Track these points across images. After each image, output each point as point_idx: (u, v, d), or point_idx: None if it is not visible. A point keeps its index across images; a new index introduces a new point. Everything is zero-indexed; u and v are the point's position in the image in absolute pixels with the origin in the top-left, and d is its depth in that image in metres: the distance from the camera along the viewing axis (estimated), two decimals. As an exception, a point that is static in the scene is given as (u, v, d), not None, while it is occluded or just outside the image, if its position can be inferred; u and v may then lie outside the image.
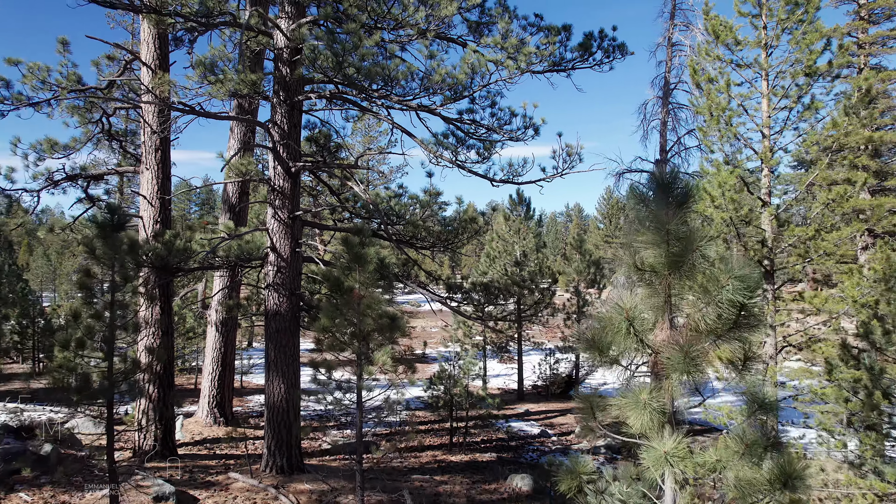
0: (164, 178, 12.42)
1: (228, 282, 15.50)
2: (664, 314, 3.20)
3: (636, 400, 2.82)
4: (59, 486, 9.65)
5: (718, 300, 2.94)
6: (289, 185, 11.54)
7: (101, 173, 12.54)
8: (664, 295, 3.16)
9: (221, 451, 13.40)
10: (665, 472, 3.10)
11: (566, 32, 13.24)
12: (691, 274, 3.06)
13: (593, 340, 3.12)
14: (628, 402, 2.85)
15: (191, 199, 53.25)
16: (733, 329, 3.10)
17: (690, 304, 3.10)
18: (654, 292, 3.19)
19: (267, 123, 11.61)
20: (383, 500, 10.65)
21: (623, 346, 2.95)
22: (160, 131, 11.98)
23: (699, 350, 2.80)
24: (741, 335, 3.15)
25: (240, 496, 10.22)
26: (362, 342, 6.65)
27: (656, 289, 3.18)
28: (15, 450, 10.24)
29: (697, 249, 2.95)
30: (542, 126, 13.42)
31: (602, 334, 3.03)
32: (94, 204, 12.95)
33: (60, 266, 36.85)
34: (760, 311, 3.19)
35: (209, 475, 11.29)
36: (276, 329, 11.43)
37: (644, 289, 3.19)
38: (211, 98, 11.59)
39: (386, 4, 10.55)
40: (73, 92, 11.85)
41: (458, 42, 13.32)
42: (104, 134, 12.41)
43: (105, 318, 7.07)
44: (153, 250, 10.18)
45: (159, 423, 12.05)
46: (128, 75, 12.76)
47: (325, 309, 6.97)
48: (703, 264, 3.01)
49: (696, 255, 2.93)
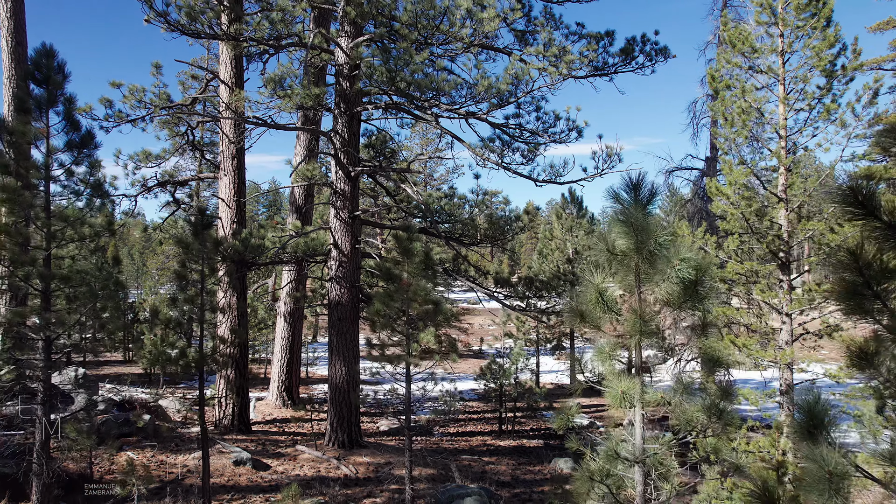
0: (239, 182, 13.92)
1: (296, 276, 16.95)
2: (634, 290, 4.04)
3: (601, 352, 3.66)
4: (158, 448, 11.23)
5: (671, 277, 3.77)
6: (349, 188, 12.76)
7: (187, 179, 14.17)
8: (634, 274, 4.00)
9: (289, 429, 14.79)
10: (635, 412, 3.94)
11: (608, 38, 13.87)
12: (652, 258, 3.89)
13: (575, 309, 3.99)
14: (597, 356, 3.70)
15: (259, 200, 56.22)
16: (687, 301, 3.91)
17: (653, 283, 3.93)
18: (627, 272, 4.03)
19: (329, 132, 12.87)
20: (433, 472, 11.67)
21: (596, 313, 3.79)
22: (236, 141, 13.47)
23: (651, 314, 3.62)
24: (695, 305, 3.95)
25: (306, 465, 11.51)
26: (409, 323, 7.68)
27: (629, 269, 4.02)
28: (120, 419, 11.90)
29: (654, 238, 3.78)
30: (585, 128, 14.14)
31: (582, 304, 3.88)
32: (180, 206, 14.61)
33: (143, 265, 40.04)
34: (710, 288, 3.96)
35: (279, 448, 12.67)
36: (338, 318, 12.67)
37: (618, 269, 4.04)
38: (280, 111, 12.94)
39: (435, 22, 11.54)
40: (163, 109, 13.51)
41: (504, 51, 14.15)
42: (188, 144, 14.03)
43: (196, 303, 8.41)
44: (232, 247, 11.60)
45: (236, 402, 13.55)
46: (209, 92, 14.34)
47: (378, 295, 8.03)
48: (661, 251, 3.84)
49: (653, 243, 3.77)
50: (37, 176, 7.20)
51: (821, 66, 7.19)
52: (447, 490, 9.83)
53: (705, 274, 3.82)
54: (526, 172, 13.63)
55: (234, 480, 10.21)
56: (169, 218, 14.75)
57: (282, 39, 12.36)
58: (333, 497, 9.54)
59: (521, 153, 14.00)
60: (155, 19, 10.22)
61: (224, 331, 12.47)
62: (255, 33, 11.90)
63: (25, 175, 7.23)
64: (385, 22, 12.09)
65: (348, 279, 12.55)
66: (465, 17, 11.11)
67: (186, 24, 10.45)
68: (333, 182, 12.78)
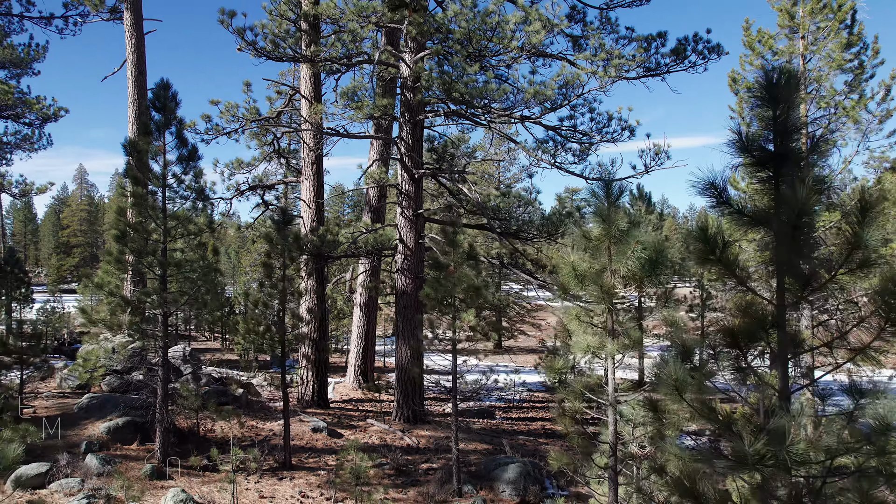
0: (318, 186, 15.63)
1: (370, 269, 18.57)
2: (607, 268, 5.01)
3: (570, 314, 4.65)
4: (250, 417, 13.07)
5: (631, 257, 4.72)
6: (413, 189, 14.10)
7: (273, 183, 16.08)
8: (606, 255, 4.97)
9: (363, 407, 16.38)
10: (608, 364, 4.92)
11: (661, 39, 14.41)
12: (619, 243, 4.85)
13: (560, 284, 5.00)
14: (569, 317, 4.69)
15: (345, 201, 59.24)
16: (651, 276, 4.84)
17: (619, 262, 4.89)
18: (600, 254, 5.01)
19: (395, 139, 14.28)
20: (489, 447, 12.77)
21: (572, 287, 4.78)
22: (315, 149, 15.17)
23: (611, 287, 4.58)
24: (657, 280, 4.88)
25: (374, 435, 12.97)
26: (454, 304, 8.86)
27: (601, 251, 5.00)
28: (219, 391, 13.86)
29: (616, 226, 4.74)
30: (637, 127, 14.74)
31: (562, 279, 4.89)
32: (268, 207, 16.55)
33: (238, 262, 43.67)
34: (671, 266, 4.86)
35: (352, 421, 14.23)
36: (404, 305, 14.05)
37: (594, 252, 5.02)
38: (352, 121, 14.49)
39: (487, 35, 12.62)
40: (253, 122, 15.46)
41: (558, 57, 14.96)
42: (275, 153, 15.93)
43: (278, 287, 10.00)
44: (310, 242, 13.26)
45: (315, 381, 15.27)
46: (292, 106, 16.17)
47: (429, 281, 9.27)
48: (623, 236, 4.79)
49: (615, 230, 4.73)
50: (155, 184, 9.01)
51: (833, 67, 7.62)
52: (495, 459, 10.93)
53: (661, 254, 4.74)
54: (578, 171, 14.44)
55: (311, 444, 11.80)
56: (259, 218, 16.74)
57: (352, 57, 13.90)
58: (394, 460, 10.87)
59: (574, 153, 14.80)
60: (245, 48, 11.99)
61: (303, 310, 14.20)
62: (330, 53, 13.50)
63: (147, 183, 9.06)
64: (442, 37, 13.29)
65: (412, 271, 13.88)
66: (513, 30, 12.10)
67: (271, 49, 12.16)
68: (399, 184, 14.17)
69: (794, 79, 3.23)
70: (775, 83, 3.28)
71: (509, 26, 12.13)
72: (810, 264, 3.21)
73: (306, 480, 9.63)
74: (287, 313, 10.05)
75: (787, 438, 2.51)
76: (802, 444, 2.57)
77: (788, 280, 3.17)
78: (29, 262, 59.60)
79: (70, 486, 7.69)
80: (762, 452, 2.50)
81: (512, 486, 9.68)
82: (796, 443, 2.55)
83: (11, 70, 21.18)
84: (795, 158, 3.26)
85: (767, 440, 2.53)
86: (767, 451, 2.50)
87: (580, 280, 4.78)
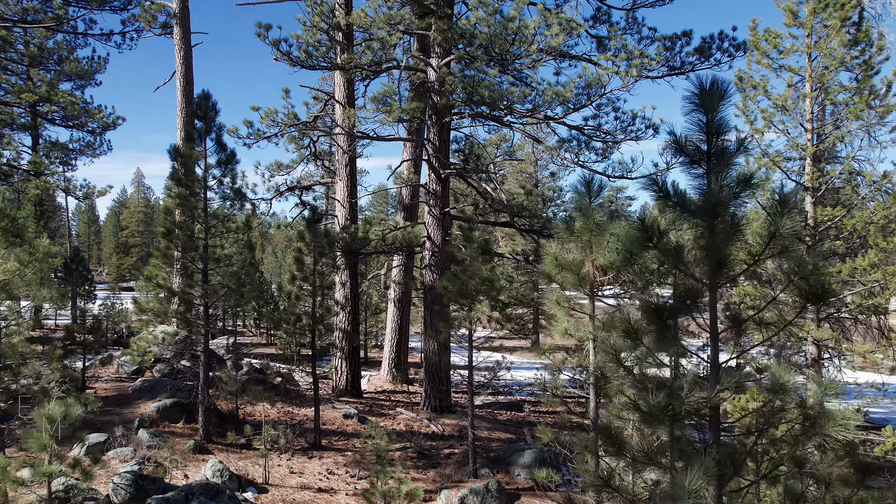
0: (352, 186, 16.43)
1: (403, 266, 19.28)
2: (588, 259, 5.48)
3: (551, 299, 5.14)
4: (286, 403, 13.95)
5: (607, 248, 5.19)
6: (439, 188, 14.71)
7: (310, 184, 16.99)
8: (587, 247, 5.45)
9: (395, 398, 17.09)
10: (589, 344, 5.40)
11: (686, 38, 14.60)
12: (597, 235, 5.32)
13: (544, 272, 5.50)
14: (550, 302, 5.19)
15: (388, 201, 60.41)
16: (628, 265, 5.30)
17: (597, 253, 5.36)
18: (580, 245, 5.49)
19: (423, 140, 14.92)
20: (512, 436, 13.26)
21: (554, 275, 5.27)
22: (348, 151, 15.97)
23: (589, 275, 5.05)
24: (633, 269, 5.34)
25: (402, 422, 13.65)
26: (469, 296, 9.42)
27: (582, 242, 5.48)
28: (259, 379, 14.81)
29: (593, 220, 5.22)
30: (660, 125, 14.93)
31: (545, 267, 5.39)
32: (306, 207, 17.45)
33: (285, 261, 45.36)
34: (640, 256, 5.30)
35: (382, 409, 14.95)
36: (431, 300, 14.68)
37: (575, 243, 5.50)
38: (382, 124, 15.21)
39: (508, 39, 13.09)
40: (291, 126, 16.37)
41: (580, 58, 15.32)
42: (311, 155, 16.83)
43: (310, 280, 10.78)
44: (342, 239, 14.05)
45: (348, 372, 16.07)
46: (327, 110, 17.05)
47: (447, 275, 9.87)
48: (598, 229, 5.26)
49: (592, 223, 5.21)
50: (198, 186, 9.91)
51: (835, 63, 7.77)
52: (514, 446, 11.43)
53: (633, 245, 5.21)
54: (601, 169, 14.75)
55: (341, 428, 12.57)
56: (297, 217, 17.69)
57: (382, 64, 14.63)
58: (418, 444, 11.50)
59: (597, 151, 15.11)
60: (281, 58, 12.85)
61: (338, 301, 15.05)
62: (360, 60, 14.26)
63: (191, 185, 9.98)
64: (467, 42, 13.85)
65: (439, 266, 14.49)
66: (533, 34, 12.55)
67: (304, 59, 12.99)
68: (427, 183, 14.80)
69: (721, 88, 3.68)
70: (706, 91, 3.73)
71: (529, 30, 12.58)
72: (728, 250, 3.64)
73: (334, 460, 10.37)
74: (317, 305, 10.82)
75: (683, 393, 2.96)
76: (695, 397, 3.02)
77: (711, 263, 3.62)
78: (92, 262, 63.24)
79: (124, 454, 8.67)
80: (662, 405, 2.96)
81: (527, 470, 10.16)
82: (690, 396, 3.00)
83: (77, 81, 22.94)
84: (724, 157, 3.70)
85: (667, 395, 3.00)
86: (668, 403, 2.96)
87: (561, 268, 5.28)
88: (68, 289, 18.57)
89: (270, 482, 8.93)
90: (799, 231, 3.59)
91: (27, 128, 23.87)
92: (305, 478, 9.38)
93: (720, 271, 3.61)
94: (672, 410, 3.01)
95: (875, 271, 7.61)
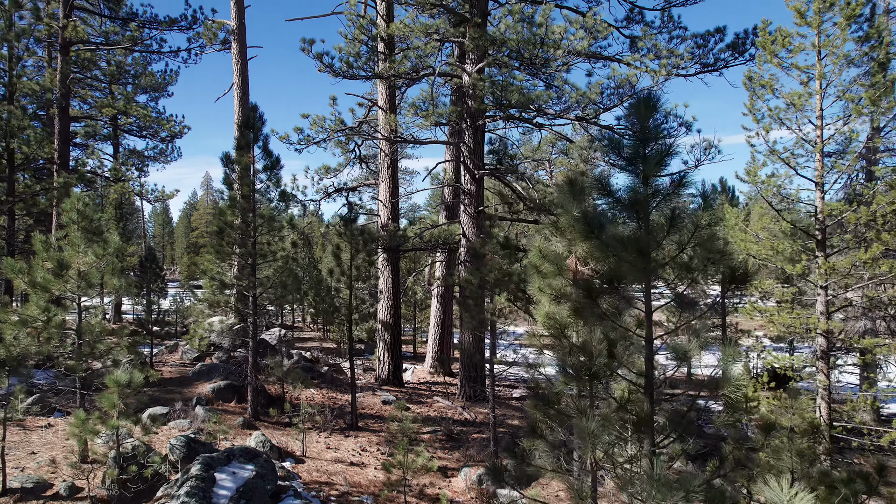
0: (393, 187, 17.36)
1: (445, 262, 20.09)
2: (573, 252, 6.08)
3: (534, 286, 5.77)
4: (330, 390, 15.03)
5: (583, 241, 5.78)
6: (474, 188, 15.40)
7: (355, 186, 18.06)
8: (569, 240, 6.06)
9: (434, 388, 17.92)
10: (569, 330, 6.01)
11: (719, 35, 14.77)
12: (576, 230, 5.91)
13: (531, 263, 6.13)
14: (533, 287, 5.81)
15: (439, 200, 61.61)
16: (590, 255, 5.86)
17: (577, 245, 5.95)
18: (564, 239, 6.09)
19: (458, 142, 15.65)
20: (540, 426, 13.81)
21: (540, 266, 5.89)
22: (390, 154, 16.92)
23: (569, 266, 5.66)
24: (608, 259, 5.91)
25: (437, 409, 14.44)
26: (489, 287, 10.09)
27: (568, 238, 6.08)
28: (308, 368, 15.97)
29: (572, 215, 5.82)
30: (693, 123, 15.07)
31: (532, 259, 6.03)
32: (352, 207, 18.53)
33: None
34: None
35: (420, 398, 15.80)
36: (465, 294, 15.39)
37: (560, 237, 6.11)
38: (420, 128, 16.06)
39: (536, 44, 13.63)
40: (338, 132, 17.47)
41: (612, 59, 15.66)
42: (356, 159, 17.89)
43: (347, 274, 11.73)
44: (382, 237, 14.98)
45: (390, 362, 17.00)
46: (371, 116, 18.06)
47: (467, 268, 10.58)
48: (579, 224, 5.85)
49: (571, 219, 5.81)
50: (245, 190, 11.02)
51: (838, 61, 7.90)
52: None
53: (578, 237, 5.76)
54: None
55: (379, 413, 13.49)
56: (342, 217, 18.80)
57: (419, 71, 15.47)
58: (448, 429, 12.26)
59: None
60: (324, 69, 13.91)
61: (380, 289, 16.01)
62: (399, 69, 15.15)
63: (242, 189, 11.11)
64: (498, 49, 14.49)
65: (474, 263, 15.20)
66: (559, 38, 13.05)
67: (345, 70, 14.00)
68: (462, 183, 15.53)
69: (653, 100, 4.25)
70: (642, 102, 4.31)
71: (555, 35, 13.08)
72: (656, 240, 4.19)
73: (368, 439, 11.28)
74: (353, 296, 11.77)
75: (594, 356, 3.54)
76: (603, 359, 3.59)
77: (635, 252, 4.19)
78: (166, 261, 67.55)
79: (182, 424, 9.87)
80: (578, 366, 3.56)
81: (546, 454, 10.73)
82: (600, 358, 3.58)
83: (151, 93, 25.05)
84: (654, 160, 4.27)
85: (587, 358, 3.60)
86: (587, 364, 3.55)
87: (544, 258, 5.91)
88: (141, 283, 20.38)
89: (308, 455, 9.91)
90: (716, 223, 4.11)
91: (108, 138, 26.30)
92: (340, 453, 10.32)
93: (647, 258, 4.18)
94: (589, 371, 3.62)
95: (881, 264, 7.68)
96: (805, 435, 5.69)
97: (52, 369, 12.21)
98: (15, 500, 6.93)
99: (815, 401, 8.66)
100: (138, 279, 21.35)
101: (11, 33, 14.02)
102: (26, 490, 7.09)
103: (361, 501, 8.29)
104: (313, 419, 11.11)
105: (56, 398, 11.08)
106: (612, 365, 3.76)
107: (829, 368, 8.36)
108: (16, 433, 9.22)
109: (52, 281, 7.43)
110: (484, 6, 15.14)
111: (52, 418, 10.22)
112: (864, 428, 8.21)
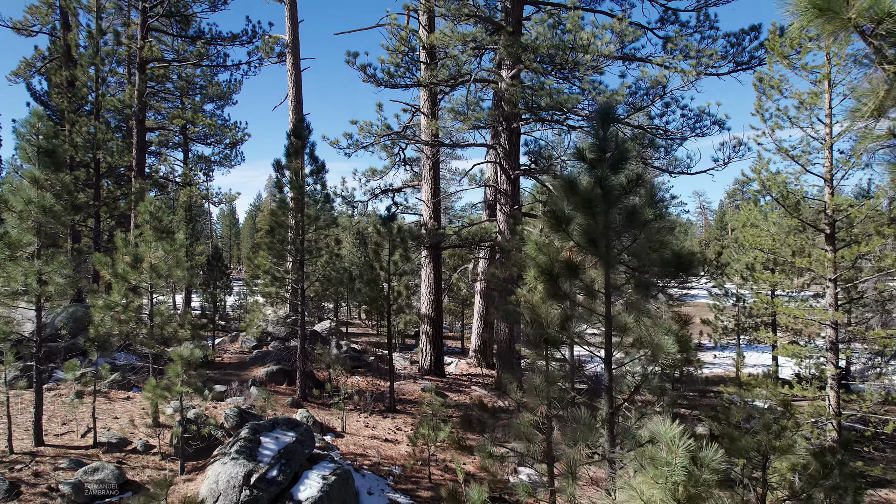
0: (435, 188, 18.32)
1: (487, 259, 20.88)
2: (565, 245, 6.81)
3: (530, 275, 6.51)
4: (374, 377, 16.13)
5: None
6: (510, 188, 16.13)
7: (400, 187, 19.12)
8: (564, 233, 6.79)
9: (475, 379, 18.76)
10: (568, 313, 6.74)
11: (754, 32, 14.94)
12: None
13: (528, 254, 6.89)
14: (529, 275, 6.56)
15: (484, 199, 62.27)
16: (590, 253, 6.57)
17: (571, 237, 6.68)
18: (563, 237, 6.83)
19: (494, 145, 16.42)
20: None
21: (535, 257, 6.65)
22: (431, 157, 17.88)
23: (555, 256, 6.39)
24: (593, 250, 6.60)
25: (474, 398, 15.27)
26: (512, 281, 10.85)
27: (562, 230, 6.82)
28: (354, 356, 17.15)
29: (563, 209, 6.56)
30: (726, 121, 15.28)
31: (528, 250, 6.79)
32: (398, 208, 19.59)
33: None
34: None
35: (460, 387, 16.68)
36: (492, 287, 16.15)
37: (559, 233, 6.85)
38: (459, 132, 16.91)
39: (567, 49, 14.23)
40: (384, 136, 18.58)
41: (646, 60, 16.01)
42: (401, 161, 18.96)
43: (384, 268, 12.75)
44: (423, 235, 15.95)
45: (432, 353, 17.96)
46: (415, 121, 19.08)
47: (494, 262, 11.37)
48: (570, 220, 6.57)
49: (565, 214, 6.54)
50: (294, 192, 12.22)
51: (841, 60, 8.16)
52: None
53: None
54: (662, 165, 15.37)
55: (418, 399, 14.46)
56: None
57: (457, 79, 16.35)
58: (480, 415, 13.07)
59: (664, 149, 15.72)
60: (367, 80, 15.02)
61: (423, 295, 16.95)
62: (438, 76, 16.09)
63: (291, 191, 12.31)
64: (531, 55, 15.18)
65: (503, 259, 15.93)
66: (587, 44, 13.62)
67: (387, 79, 15.06)
68: (498, 183, 16.30)
69: (610, 111, 4.96)
70: (601, 113, 5.03)
71: (584, 41, 13.66)
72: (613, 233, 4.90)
73: (404, 420, 12.26)
74: (391, 289, 12.78)
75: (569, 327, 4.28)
76: (555, 329, 4.32)
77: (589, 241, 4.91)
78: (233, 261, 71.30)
79: (237, 400, 11.18)
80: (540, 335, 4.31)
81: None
82: (551, 328, 4.31)
83: (217, 102, 27.09)
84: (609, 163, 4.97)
85: (541, 327, 4.34)
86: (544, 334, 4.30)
87: (539, 249, 6.67)
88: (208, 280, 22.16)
89: (347, 431, 10.98)
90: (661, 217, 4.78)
91: (179, 146, 28.57)
92: (376, 431, 11.34)
93: (602, 247, 4.91)
94: (545, 336, 4.38)
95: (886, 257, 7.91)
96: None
97: (131, 353, 13.86)
98: (103, 451, 8.32)
99: (825, 390, 8.95)
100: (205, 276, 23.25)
101: (98, 58, 15.86)
102: (112, 444, 8.49)
103: (390, 471, 9.26)
104: (355, 401, 12.18)
105: (135, 377, 12.65)
106: (562, 335, 4.51)
107: (838, 359, 8.62)
108: (103, 402, 10.74)
109: (129, 272, 8.79)
110: (518, 14, 15.85)
111: (131, 392, 11.75)
112: (874, 417, 8.43)
